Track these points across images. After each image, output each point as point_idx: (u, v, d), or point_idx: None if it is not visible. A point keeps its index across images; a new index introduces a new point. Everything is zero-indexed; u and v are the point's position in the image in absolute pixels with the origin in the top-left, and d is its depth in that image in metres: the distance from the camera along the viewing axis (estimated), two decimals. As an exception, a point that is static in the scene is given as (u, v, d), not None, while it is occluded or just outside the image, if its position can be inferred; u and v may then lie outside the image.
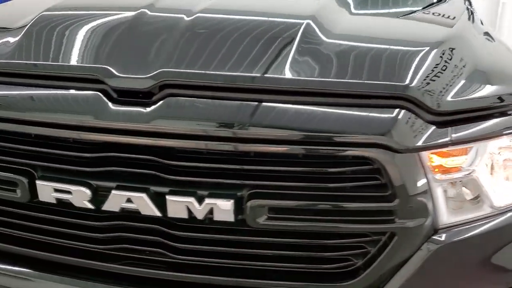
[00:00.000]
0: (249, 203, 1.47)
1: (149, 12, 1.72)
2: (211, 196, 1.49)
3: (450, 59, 1.65)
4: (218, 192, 1.49)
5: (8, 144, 1.62)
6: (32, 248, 1.67)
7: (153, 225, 1.56)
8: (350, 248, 1.52)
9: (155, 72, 1.50)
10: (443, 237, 1.52)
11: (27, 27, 1.74)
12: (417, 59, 1.59)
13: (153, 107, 1.49)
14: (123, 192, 1.53)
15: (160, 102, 1.49)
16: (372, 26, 1.94)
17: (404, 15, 2.13)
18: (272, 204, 1.48)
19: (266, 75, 1.51)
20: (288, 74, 1.52)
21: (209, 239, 1.55)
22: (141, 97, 1.52)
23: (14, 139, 1.61)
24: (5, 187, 1.64)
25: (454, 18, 2.08)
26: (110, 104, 1.51)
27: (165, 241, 1.56)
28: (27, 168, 1.61)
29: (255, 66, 1.53)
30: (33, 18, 1.77)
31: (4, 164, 1.63)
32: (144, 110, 1.49)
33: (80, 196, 1.55)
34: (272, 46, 1.60)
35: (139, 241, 1.58)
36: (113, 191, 1.53)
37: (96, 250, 1.62)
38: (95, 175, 1.56)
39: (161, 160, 1.50)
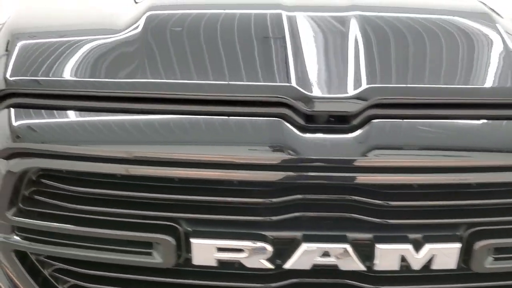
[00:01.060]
0: (476, 244, 1.21)
1: (295, 12, 1.35)
2: (430, 240, 1.20)
3: None
4: (438, 234, 1.21)
5: (143, 193, 1.20)
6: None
7: (347, 280, 1.25)
8: None
9: (361, 90, 1.16)
10: None
11: (138, 33, 1.29)
12: None
13: (356, 134, 1.16)
14: (317, 244, 1.19)
15: (366, 127, 1.16)
16: None
17: None
18: (501, 243, 1.23)
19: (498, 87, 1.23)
20: None
21: None
22: (333, 121, 1.18)
23: (153, 187, 1.21)
24: (136, 249, 1.23)
25: None
26: (297, 132, 1.16)
27: None
28: (171, 223, 1.21)
29: (480, 75, 1.24)
30: (139, 21, 1.33)
31: (137, 220, 1.22)
32: (347, 139, 1.15)
33: (256, 253, 1.19)
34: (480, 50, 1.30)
35: None
36: (304, 244, 1.19)
37: None
38: (276, 225, 1.20)
39: (366, 199, 1.18)
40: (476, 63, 1.25)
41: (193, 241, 1.20)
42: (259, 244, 1.19)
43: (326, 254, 1.19)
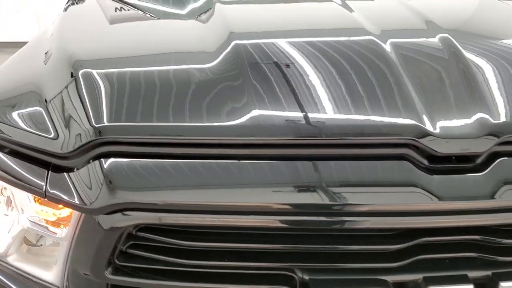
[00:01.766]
0: None
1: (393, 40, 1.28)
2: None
3: None
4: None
5: (255, 245, 1.13)
6: None
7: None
8: None
9: (491, 129, 1.11)
10: None
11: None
12: None
13: (486, 172, 1.11)
14: (440, 286, 1.14)
15: (495, 165, 1.12)
16: None
17: None
18: None
19: None
20: None
21: None
22: (455, 160, 1.13)
23: (265, 236, 1.13)
24: None
25: None
26: (426, 174, 1.10)
27: None
28: (286, 273, 1.14)
29: None
30: (226, 51, 1.23)
31: (247, 271, 1.14)
32: (479, 178, 1.10)
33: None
34: None
35: None
36: (428, 287, 1.14)
37: None
38: (396, 269, 1.15)
39: (490, 238, 1.15)
40: None
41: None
42: None
43: (450, 295, 1.15)
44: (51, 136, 1.16)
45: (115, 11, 1.81)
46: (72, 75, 1.29)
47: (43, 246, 1.31)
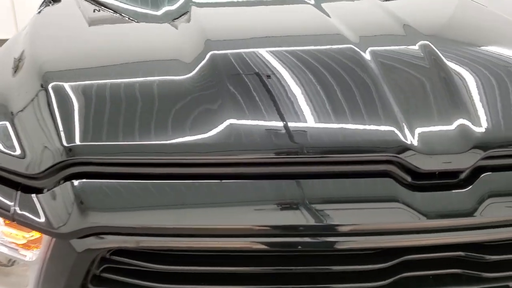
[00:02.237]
0: None
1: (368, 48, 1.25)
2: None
3: None
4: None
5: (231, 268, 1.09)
6: None
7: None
8: None
9: (475, 144, 1.08)
10: None
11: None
12: None
13: (470, 188, 1.08)
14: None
15: (480, 181, 1.09)
16: None
17: None
18: None
19: None
20: None
21: None
22: (438, 176, 1.10)
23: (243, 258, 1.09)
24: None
25: None
26: (406, 190, 1.07)
27: None
28: None
29: None
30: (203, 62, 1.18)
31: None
32: (463, 194, 1.07)
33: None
34: None
35: None
36: None
37: None
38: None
39: (475, 255, 1.12)
40: None
41: None
42: None
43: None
44: (19, 155, 1.11)
45: (89, 14, 1.74)
46: (42, 87, 1.23)
47: (15, 266, 1.26)
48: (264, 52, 1.30)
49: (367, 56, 1.26)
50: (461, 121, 1.10)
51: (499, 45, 1.46)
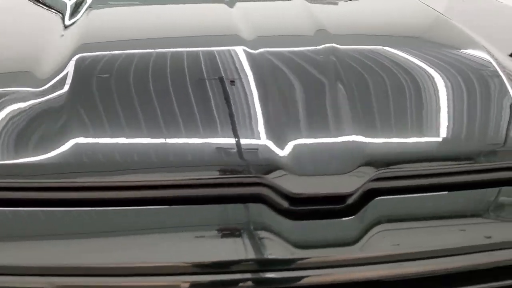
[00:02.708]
0: None
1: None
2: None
3: None
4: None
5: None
6: None
7: None
8: None
9: (361, 163, 0.91)
10: None
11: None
12: None
13: (357, 216, 0.91)
14: None
15: (367, 207, 0.92)
16: None
17: None
18: None
19: None
20: None
21: None
22: (321, 202, 0.92)
23: None
24: None
25: None
26: (282, 219, 0.90)
27: None
28: None
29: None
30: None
31: None
32: (347, 224, 0.90)
33: None
34: None
35: None
36: None
37: None
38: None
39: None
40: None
41: None
42: None
43: None
44: None
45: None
46: None
47: None
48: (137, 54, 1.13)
49: (254, 57, 1.08)
50: (346, 135, 0.93)
51: (420, 49, 1.27)
